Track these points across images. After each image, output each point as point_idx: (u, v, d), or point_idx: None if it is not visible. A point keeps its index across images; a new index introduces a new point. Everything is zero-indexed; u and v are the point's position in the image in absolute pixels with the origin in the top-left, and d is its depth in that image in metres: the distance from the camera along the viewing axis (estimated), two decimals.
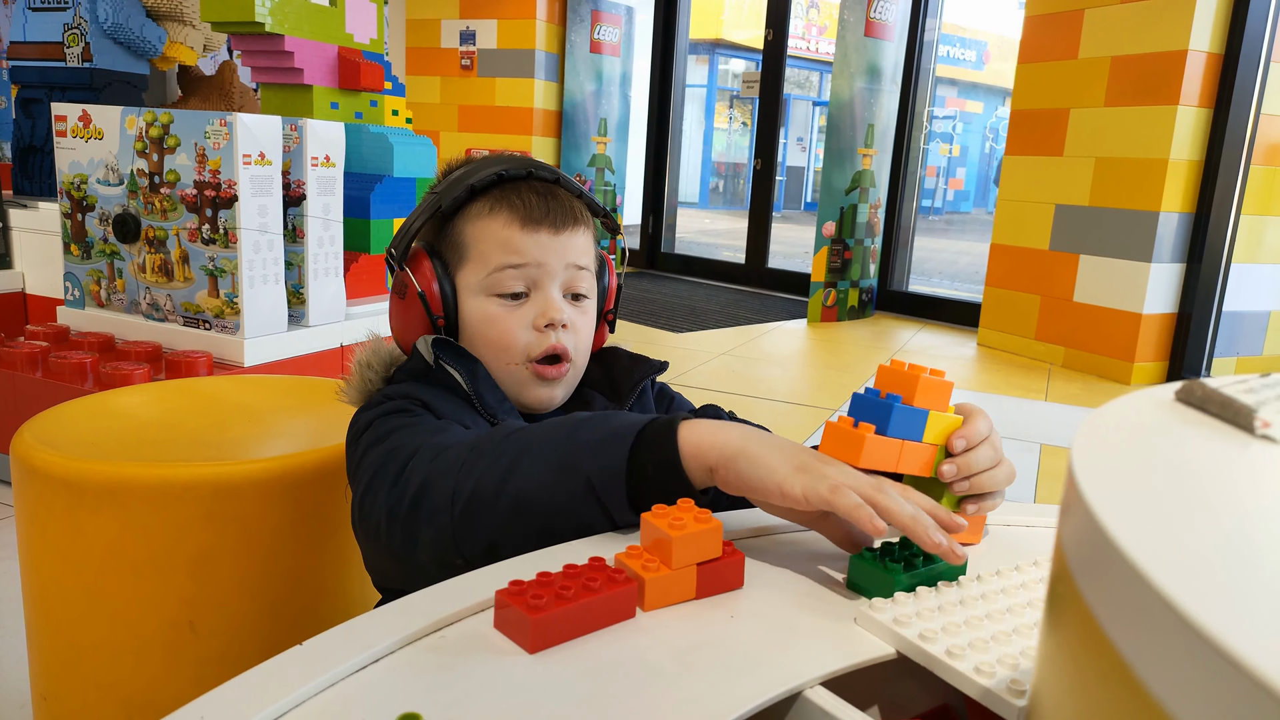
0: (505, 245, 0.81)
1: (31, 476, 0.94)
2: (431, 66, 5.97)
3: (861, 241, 4.76)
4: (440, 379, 0.79)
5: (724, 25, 14.13)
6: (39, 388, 1.85)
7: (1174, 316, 3.66)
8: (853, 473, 0.56)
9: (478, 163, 0.86)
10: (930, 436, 0.62)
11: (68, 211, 2.07)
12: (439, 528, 0.63)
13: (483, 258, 0.82)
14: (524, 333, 0.82)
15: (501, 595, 0.49)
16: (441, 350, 0.80)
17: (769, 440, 0.59)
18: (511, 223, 0.82)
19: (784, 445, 0.59)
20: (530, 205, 0.82)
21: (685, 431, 0.60)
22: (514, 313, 0.82)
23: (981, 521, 0.67)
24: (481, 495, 0.61)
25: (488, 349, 0.83)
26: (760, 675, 0.47)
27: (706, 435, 0.59)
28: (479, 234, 0.83)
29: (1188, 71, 3.41)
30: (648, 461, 0.60)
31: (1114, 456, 0.30)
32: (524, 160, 0.85)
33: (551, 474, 0.60)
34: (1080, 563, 0.26)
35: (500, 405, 0.80)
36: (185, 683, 0.94)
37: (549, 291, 0.82)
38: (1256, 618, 0.20)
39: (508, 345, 0.82)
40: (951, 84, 15.10)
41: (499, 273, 0.82)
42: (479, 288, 0.82)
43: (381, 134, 2.45)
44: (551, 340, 0.81)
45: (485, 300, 0.82)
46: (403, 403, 0.77)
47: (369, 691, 0.44)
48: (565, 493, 0.60)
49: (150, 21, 2.74)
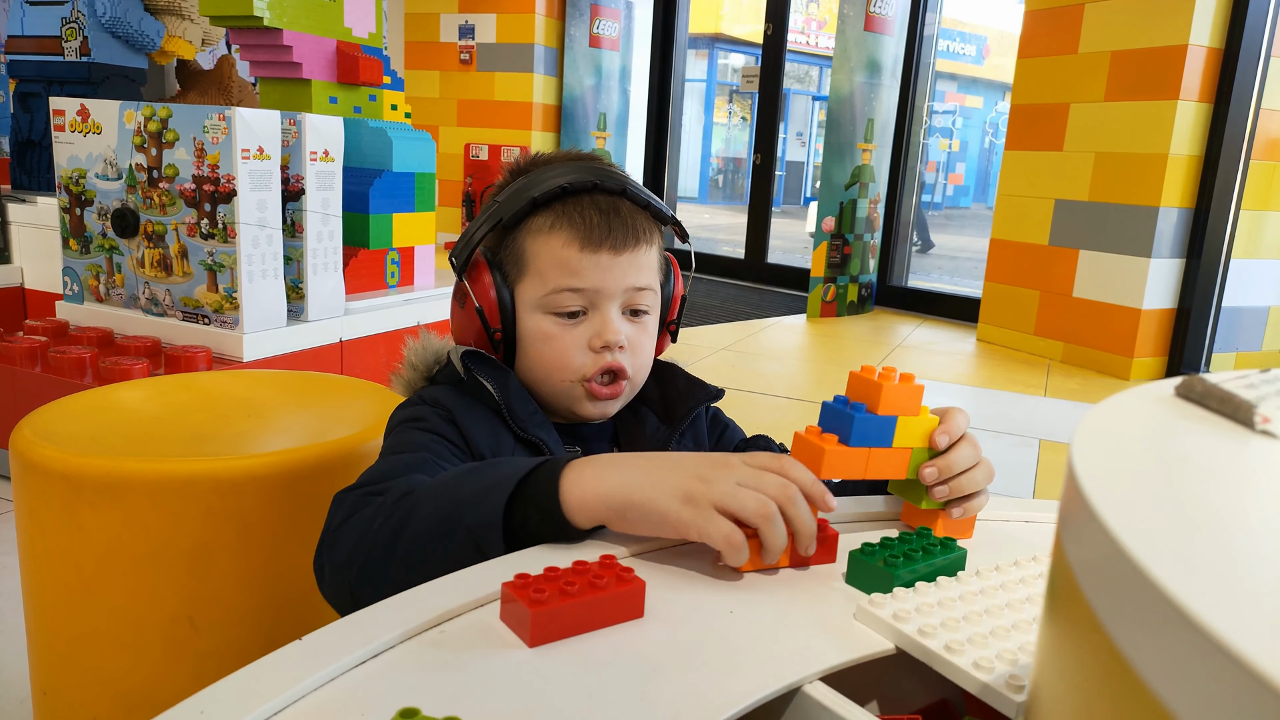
0: (564, 266, 0.79)
1: (31, 472, 0.94)
2: (430, 61, 5.96)
3: (861, 236, 4.76)
4: (473, 389, 0.80)
5: (723, 20, 14.12)
6: (38, 383, 1.85)
7: (1173, 312, 3.66)
8: (755, 479, 0.58)
9: (542, 167, 0.83)
10: (903, 440, 0.63)
11: (66, 206, 2.07)
12: (338, 587, 0.65)
13: (541, 275, 0.80)
14: (579, 353, 0.80)
15: (507, 588, 0.49)
16: (473, 362, 0.80)
17: (654, 473, 0.59)
18: (571, 243, 0.79)
19: (668, 473, 0.58)
20: (591, 225, 0.79)
21: (569, 481, 0.59)
22: (570, 331, 0.80)
23: (972, 517, 0.67)
24: (374, 560, 0.62)
25: (542, 366, 0.82)
26: (760, 670, 0.47)
27: (591, 485, 0.59)
28: (539, 250, 0.80)
29: (1188, 66, 3.40)
30: (530, 510, 0.59)
31: (1114, 452, 0.30)
32: (590, 168, 0.82)
33: (437, 528, 0.60)
34: (1080, 558, 0.26)
35: (531, 418, 0.80)
36: (185, 678, 0.94)
37: (607, 313, 0.80)
38: (1255, 613, 0.20)
39: (563, 365, 0.81)
40: (951, 79, 15.08)
41: (557, 294, 0.80)
42: (536, 305, 0.81)
43: (380, 128, 2.44)
44: (607, 360, 0.80)
45: (542, 318, 0.81)
46: (425, 410, 0.79)
47: (369, 686, 0.44)
48: (447, 548, 0.59)
49: (148, 16, 2.74)
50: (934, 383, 3.41)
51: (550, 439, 0.80)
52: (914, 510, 0.66)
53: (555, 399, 0.83)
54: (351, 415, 1.12)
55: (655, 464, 0.60)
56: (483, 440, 0.78)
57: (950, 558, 0.58)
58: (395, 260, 2.48)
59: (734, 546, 0.56)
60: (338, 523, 0.67)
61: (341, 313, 2.20)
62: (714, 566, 0.58)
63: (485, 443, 0.78)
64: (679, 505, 0.57)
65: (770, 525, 0.56)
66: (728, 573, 0.58)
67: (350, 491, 0.70)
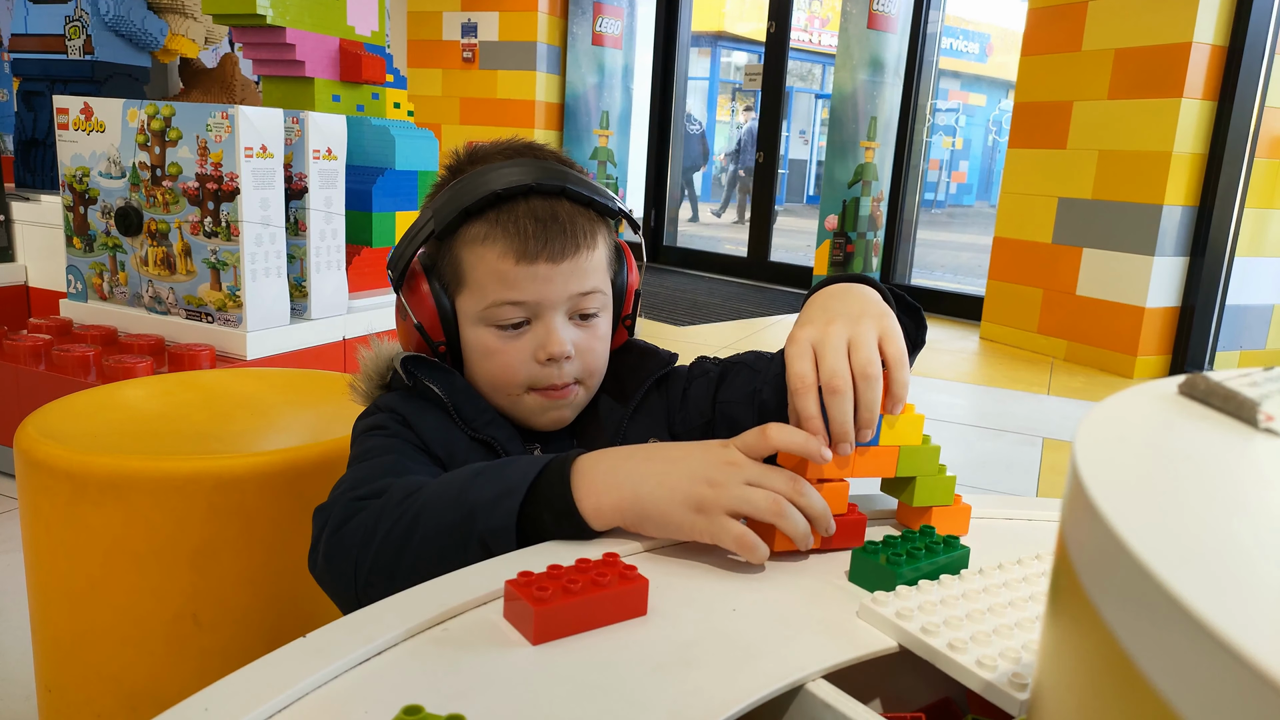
0: (501, 279, 0.75)
1: (35, 469, 0.95)
2: (433, 59, 5.96)
3: (864, 235, 4.75)
4: (422, 392, 0.78)
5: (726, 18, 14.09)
6: (42, 381, 1.86)
7: (1177, 310, 3.65)
8: (761, 477, 0.58)
9: (478, 168, 0.78)
10: (889, 439, 0.63)
11: (70, 204, 2.07)
12: (341, 589, 0.65)
13: (480, 288, 0.76)
14: (524, 366, 0.77)
15: (510, 585, 0.49)
16: (415, 367, 0.78)
17: (666, 478, 0.59)
18: (506, 255, 0.74)
19: (679, 477, 0.59)
20: (526, 235, 0.74)
21: (583, 490, 0.59)
22: (513, 344, 0.77)
23: (966, 512, 0.67)
24: (380, 568, 0.62)
25: (488, 380, 0.79)
26: (762, 668, 0.47)
27: (605, 495, 0.59)
28: (475, 262, 0.76)
29: (1191, 64, 3.40)
30: (544, 513, 0.59)
31: (1117, 450, 0.30)
32: (527, 166, 0.76)
33: (449, 533, 0.60)
34: (1083, 556, 0.26)
35: (480, 417, 0.78)
36: (189, 675, 0.94)
37: (550, 323, 0.76)
38: (1259, 611, 0.20)
39: (508, 379, 0.77)
40: (954, 76, 15.05)
41: (496, 307, 0.76)
42: (477, 318, 0.77)
43: (383, 127, 2.44)
44: (553, 377, 0.77)
45: (484, 330, 0.77)
46: (382, 417, 0.77)
47: (372, 683, 0.44)
48: (463, 555, 0.59)
49: (152, 14, 2.74)
50: (937, 381, 3.41)
51: (503, 435, 0.78)
52: (907, 509, 0.66)
53: (506, 411, 0.80)
54: (354, 414, 1.11)
55: (663, 466, 0.60)
56: (437, 443, 0.76)
57: (953, 556, 0.58)
58: None
59: (748, 547, 0.56)
60: (336, 524, 0.65)
61: (344, 311, 2.21)
62: (729, 559, 0.59)
63: (440, 445, 0.76)
64: (693, 516, 0.58)
65: (785, 520, 0.57)
66: (736, 566, 0.58)
67: (333, 500, 0.68)
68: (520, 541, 0.59)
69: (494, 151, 0.81)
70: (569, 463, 0.61)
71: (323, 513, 0.68)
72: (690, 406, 0.85)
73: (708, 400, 0.85)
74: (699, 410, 0.85)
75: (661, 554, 0.59)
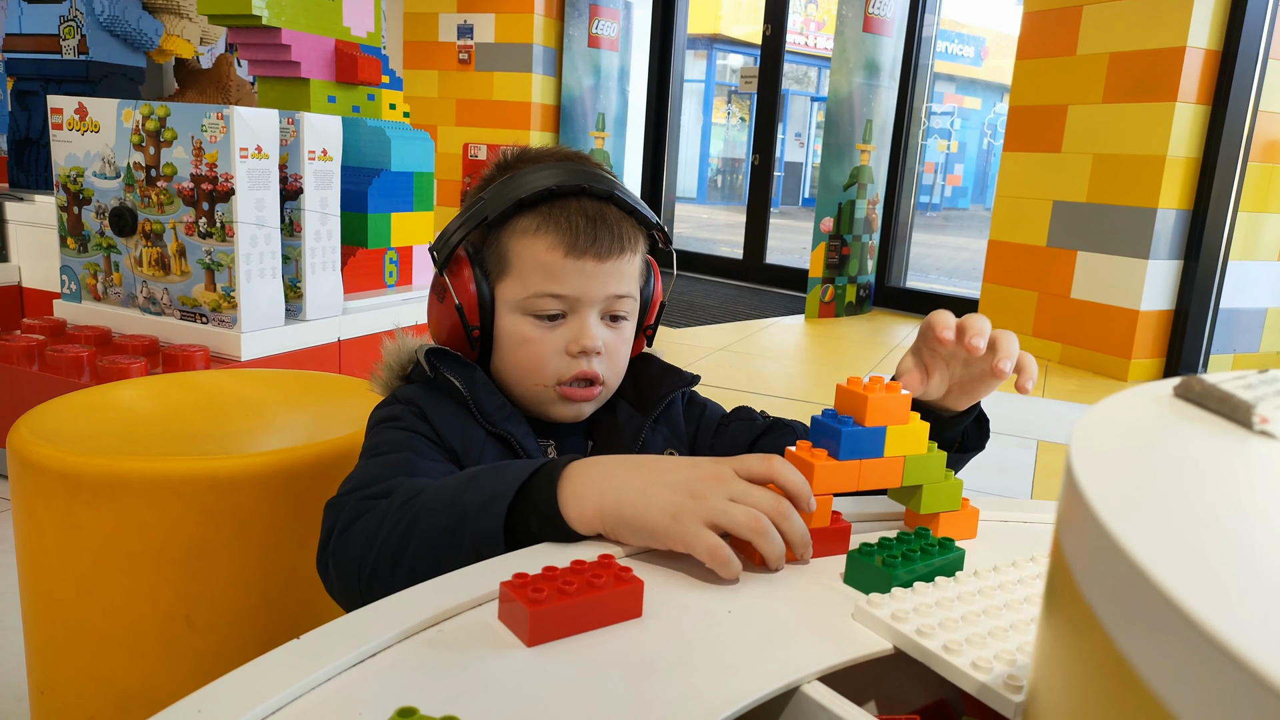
0: (547, 271, 0.78)
1: (28, 470, 0.94)
2: (429, 60, 5.95)
3: (859, 237, 4.76)
4: (442, 385, 0.80)
5: (722, 20, 14.11)
6: (35, 381, 1.85)
7: (1171, 313, 3.66)
8: (746, 494, 0.58)
9: (530, 164, 0.82)
10: (894, 449, 0.63)
11: (64, 205, 2.06)
12: (348, 589, 0.67)
13: (523, 277, 0.80)
14: (555, 358, 0.80)
15: (505, 587, 0.49)
16: (438, 359, 0.80)
17: (649, 487, 0.59)
18: (556, 247, 0.78)
19: (662, 487, 0.59)
20: (578, 231, 0.78)
21: (567, 495, 0.60)
22: (548, 335, 0.80)
23: (974, 516, 0.67)
24: (381, 569, 0.64)
25: (517, 369, 0.81)
26: (758, 670, 0.47)
27: (588, 501, 0.59)
28: (522, 251, 0.80)
29: (1186, 68, 3.41)
30: (531, 516, 0.60)
31: (1112, 452, 0.30)
32: (579, 169, 0.81)
33: (443, 535, 0.61)
34: (1078, 558, 0.26)
35: (499, 412, 0.80)
36: (182, 676, 0.94)
37: (586, 319, 0.80)
38: (1255, 613, 0.20)
39: (538, 369, 0.80)
40: (950, 80, 15.08)
41: (538, 298, 0.79)
42: (516, 306, 0.80)
43: (379, 128, 2.44)
44: (583, 366, 0.80)
45: (521, 319, 0.80)
46: (399, 409, 0.79)
47: (366, 685, 0.44)
48: (456, 557, 0.60)
49: (147, 14, 2.73)
50: None
51: (519, 431, 0.80)
52: (915, 516, 0.66)
53: (528, 401, 0.83)
54: (349, 415, 1.12)
55: (649, 476, 0.60)
56: (453, 436, 0.78)
57: (948, 558, 0.58)
58: (393, 260, 2.48)
59: (721, 561, 0.56)
60: (344, 525, 0.67)
61: (339, 312, 2.20)
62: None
63: (456, 438, 0.78)
64: (668, 522, 0.57)
65: (763, 538, 0.57)
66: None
67: (344, 498, 0.70)
68: (510, 545, 0.59)
69: (544, 154, 0.84)
70: (560, 467, 0.61)
71: (333, 510, 0.69)
72: (724, 443, 0.89)
73: (745, 445, 0.88)
74: (734, 448, 0.88)
75: (657, 556, 0.59)
